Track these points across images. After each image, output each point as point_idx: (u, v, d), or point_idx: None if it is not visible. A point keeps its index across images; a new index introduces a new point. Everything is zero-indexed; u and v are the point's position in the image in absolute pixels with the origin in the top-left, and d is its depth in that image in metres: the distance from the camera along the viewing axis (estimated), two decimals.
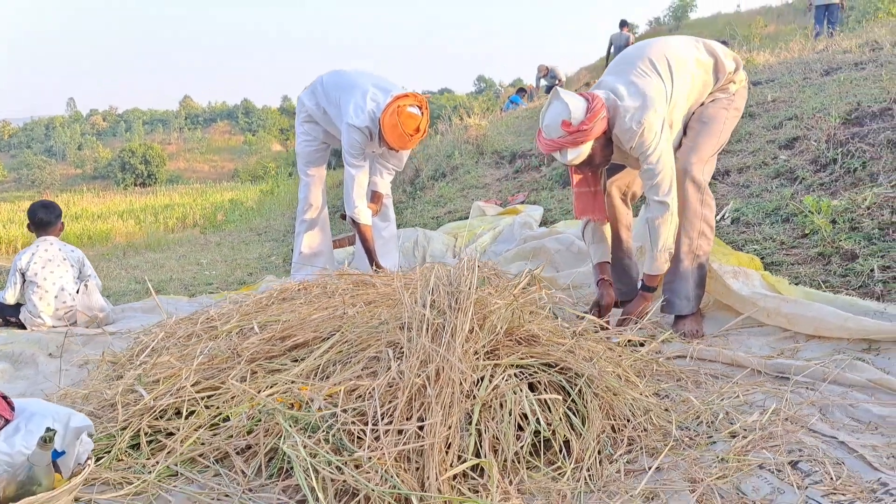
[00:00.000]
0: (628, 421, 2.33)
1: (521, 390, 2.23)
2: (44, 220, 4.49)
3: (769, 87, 6.52)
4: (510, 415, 2.15)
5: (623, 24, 15.26)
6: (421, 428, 2.05)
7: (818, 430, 2.19)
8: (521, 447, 2.12)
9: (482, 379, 2.23)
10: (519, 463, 2.11)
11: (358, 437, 2.06)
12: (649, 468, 2.07)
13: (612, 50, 14.79)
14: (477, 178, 7.98)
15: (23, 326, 4.38)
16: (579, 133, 2.89)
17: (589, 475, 2.08)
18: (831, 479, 1.89)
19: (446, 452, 2.02)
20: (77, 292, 4.46)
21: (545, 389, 2.30)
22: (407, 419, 2.09)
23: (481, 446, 2.08)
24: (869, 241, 3.40)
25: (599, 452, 2.18)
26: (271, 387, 2.45)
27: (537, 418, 2.15)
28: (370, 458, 1.94)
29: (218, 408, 2.45)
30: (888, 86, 5.05)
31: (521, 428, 2.17)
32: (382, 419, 2.09)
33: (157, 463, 2.22)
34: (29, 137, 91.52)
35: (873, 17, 12.30)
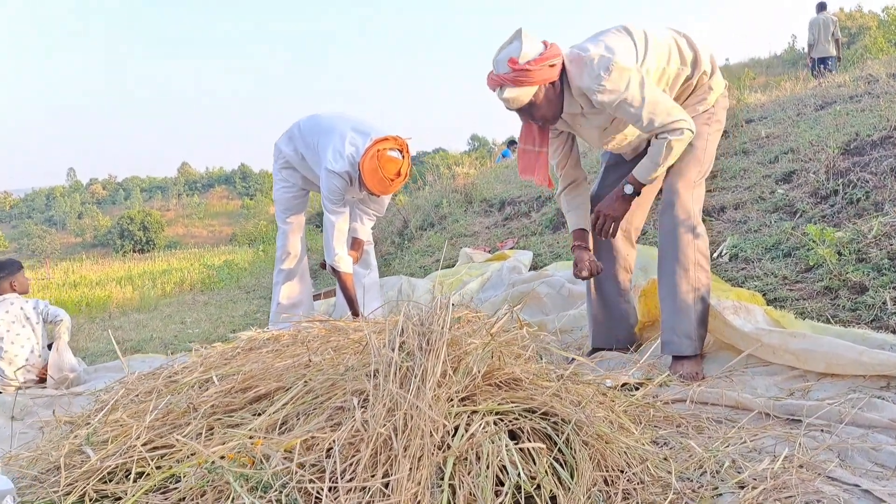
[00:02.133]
0: (622, 472, 2.06)
1: (500, 439, 1.99)
2: None
3: (762, 124, 6.37)
4: (488, 468, 1.90)
5: None
6: (386, 485, 1.81)
7: (837, 477, 1.93)
8: None
9: (456, 428, 1.99)
10: None
11: (316, 497, 1.82)
12: None
13: None
14: (465, 226, 7.80)
15: None
16: (522, 72, 2.67)
17: None
18: None
19: None
20: (49, 349, 4.25)
21: (528, 438, 2.05)
22: (371, 475, 1.84)
23: None
24: (879, 272, 3.18)
25: None
26: (225, 443, 2.21)
27: (518, 471, 1.90)
28: None
29: (170, 467, 2.21)
30: (887, 114, 4.88)
31: (501, 482, 1.92)
32: (343, 475, 1.85)
33: None
34: (30, 208, 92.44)
35: (862, 61, 12.43)
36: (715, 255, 4.05)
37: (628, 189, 2.98)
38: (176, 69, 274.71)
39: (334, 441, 1.95)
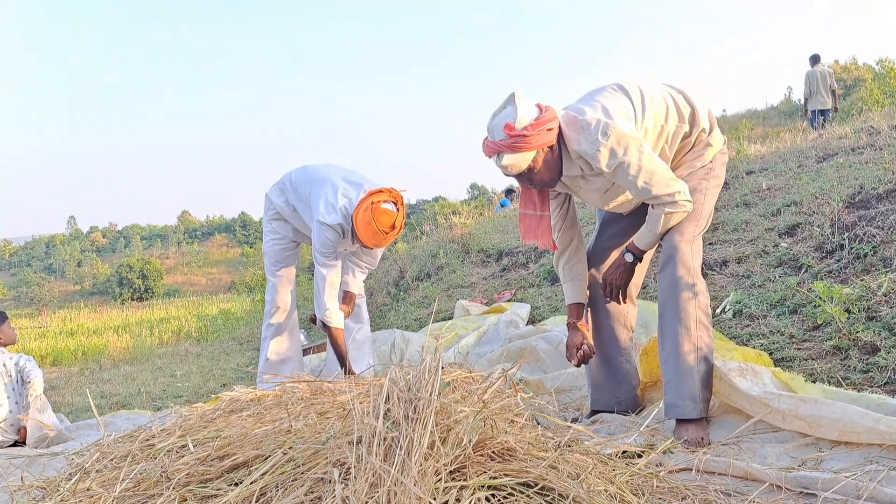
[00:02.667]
0: None
1: None
2: None
3: (763, 176, 6.28)
4: None
5: None
6: None
7: None
8: None
9: None
10: None
11: None
12: None
13: None
14: (463, 277, 7.68)
15: None
16: (520, 138, 2.58)
17: None
18: None
19: None
20: (26, 407, 4.10)
21: None
22: None
23: None
24: (890, 332, 3.04)
25: None
26: None
27: None
28: None
29: None
30: (892, 166, 4.79)
31: None
32: None
33: None
34: (29, 256, 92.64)
35: (858, 114, 12.54)
36: (718, 310, 3.92)
37: (629, 258, 2.94)
38: (176, 116, 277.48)
39: None
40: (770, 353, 3.24)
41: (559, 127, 2.68)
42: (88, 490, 2.44)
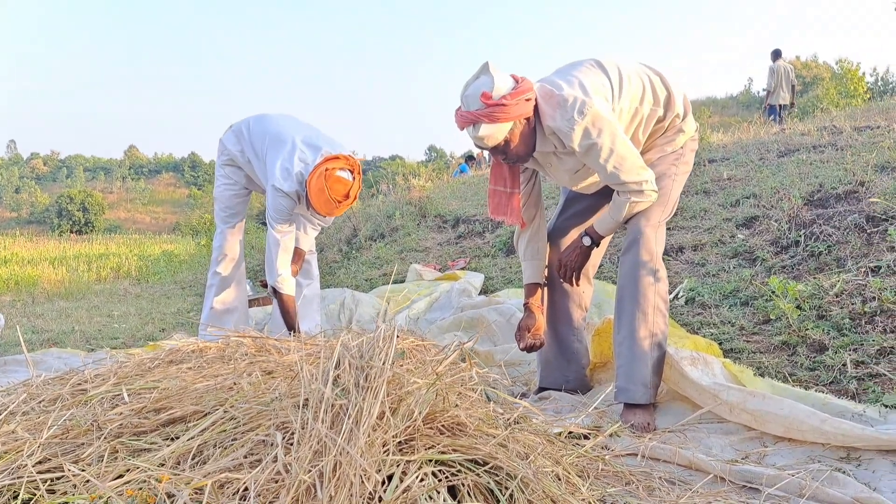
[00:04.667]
0: None
1: (438, 494, 1.78)
2: None
3: (724, 165, 6.32)
4: None
5: None
6: None
7: None
8: None
9: (390, 478, 1.78)
10: None
11: None
12: None
13: None
14: (417, 240, 7.60)
15: None
16: (497, 108, 2.50)
17: None
18: None
19: None
20: None
21: (469, 493, 1.85)
22: None
23: None
24: (839, 332, 3.07)
25: None
26: (129, 470, 1.96)
27: None
28: None
29: (65, 492, 1.96)
30: (853, 168, 4.84)
31: None
32: None
33: None
34: None
35: (813, 115, 12.83)
36: (671, 296, 3.93)
37: (587, 241, 2.90)
38: (127, 45, 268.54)
39: (251, 484, 1.73)
40: (720, 343, 3.25)
41: (535, 100, 2.60)
42: (13, 433, 2.31)
